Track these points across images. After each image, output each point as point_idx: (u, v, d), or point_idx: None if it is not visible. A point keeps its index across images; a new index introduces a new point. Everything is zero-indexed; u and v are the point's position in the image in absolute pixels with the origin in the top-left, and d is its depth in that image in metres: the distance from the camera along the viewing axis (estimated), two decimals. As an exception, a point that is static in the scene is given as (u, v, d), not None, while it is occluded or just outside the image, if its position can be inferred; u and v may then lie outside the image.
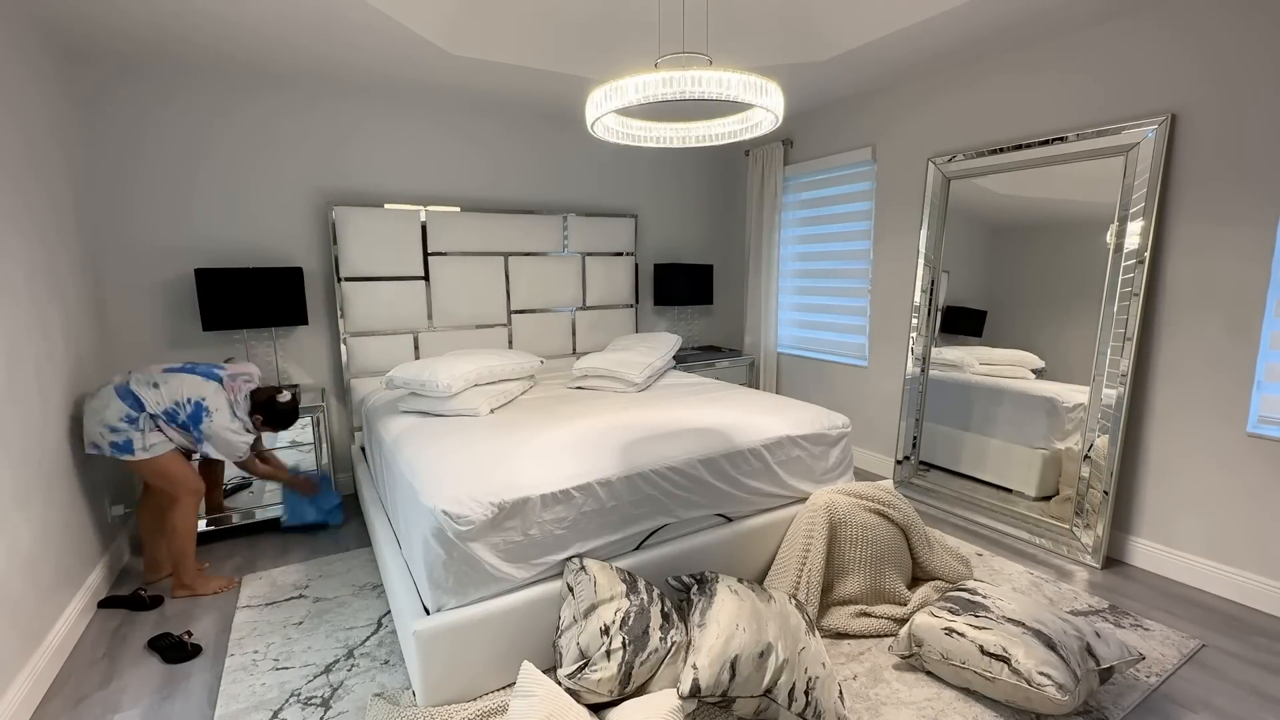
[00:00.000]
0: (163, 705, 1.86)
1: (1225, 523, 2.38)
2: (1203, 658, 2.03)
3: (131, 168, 2.92)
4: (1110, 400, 2.57)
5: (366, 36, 2.65)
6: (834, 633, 2.15)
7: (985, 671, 1.76)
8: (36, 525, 2.01)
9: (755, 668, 1.62)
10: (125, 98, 2.87)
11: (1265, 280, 2.23)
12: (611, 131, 2.08)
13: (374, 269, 3.42)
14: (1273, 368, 2.24)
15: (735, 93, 1.63)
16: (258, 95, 3.14)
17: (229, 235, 3.14)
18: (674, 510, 2.17)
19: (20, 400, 1.99)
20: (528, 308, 3.96)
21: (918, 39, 2.78)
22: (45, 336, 2.22)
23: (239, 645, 2.12)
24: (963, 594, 2.02)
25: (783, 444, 2.42)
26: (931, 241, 3.30)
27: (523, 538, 1.86)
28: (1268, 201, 2.20)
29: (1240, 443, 2.32)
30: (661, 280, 4.35)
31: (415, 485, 1.93)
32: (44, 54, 2.46)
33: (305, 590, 2.48)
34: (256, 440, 2.64)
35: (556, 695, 1.60)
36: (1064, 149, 2.70)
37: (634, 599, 1.80)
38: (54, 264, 2.36)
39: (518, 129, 3.88)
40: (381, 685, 1.91)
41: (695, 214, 4.71)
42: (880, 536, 2.28)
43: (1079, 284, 2.70)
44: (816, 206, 4.13)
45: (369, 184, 3.47)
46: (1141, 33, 2.48)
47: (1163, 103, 2.44)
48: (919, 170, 3.40)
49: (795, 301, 4.38)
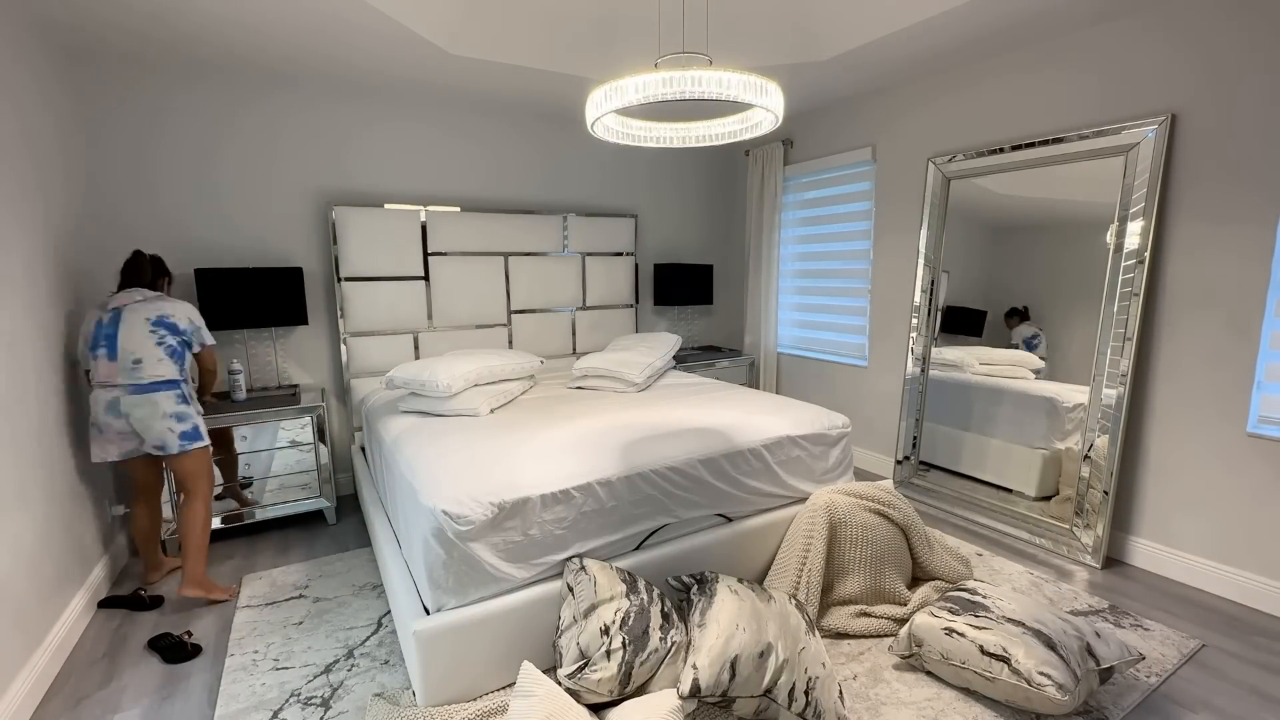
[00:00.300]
0: (163, 705, 1.86)
1: (1225, 523, 2.38)
2: (1203, 658, 2.03)
3: (132, 168, 2.92)
4: (1110, 400, 2.57)
5: (367, 37, 2.65)
6: (834, 633, 2.15)
7: (985, 671, 1.76)
8: (37, 525, 2.01)
9: (755, 668, 1.62)
10: (126, 98, 2.87)
11: (1265, 280, 2.23)
12: (611, 131, 2.08)
13: (374, 269, 3.42)
14: (1273, 368, 2.24)
15: (735, 93, 1.63)
16: (258, 95, 3.14)
17: (229, 235, 3.14)
18: (674, 510, 2.17)
19: (20, 400, 1.99)
20: (528, 308, 3.96)
21: (918, 39, 2.78)
22: (45, 336, 2.22)
23: (239, 645, 2.12)
24: (963, 594, 2.02)
25: (783, 444, 2.42)
26: (931, 241, 3.30)
27: (523, 538, 1.86)
28: (1268, 201, 2.20)
29: (1240, 443, 2.32)
30: (661, 280, 4.35)
31: (415, 485, 1.93)
32: (45, 53, 2.46)
33: (305, 590, 2.48)
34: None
35: (556, 695, 1.60)
36: (1064, 149, 2.70)
37: (634, 599, 1.80)
38: (55, 264, 2.36)
39: (518, 129, 3.88)
40: (381, 685, 1.91)
41: (695, 214, 4.71)
42: (880, 536, 2.28)
43: (1079, 284, 2.70)
44: (816, 206, 4.13)
45: (369, 184, 3.47)
46: (1141, 33, 2.48)
47: (1163, 103, 2.44)
48: (919, 170, 3.40)
49: (795, 301, 4.38)
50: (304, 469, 3.02)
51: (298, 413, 2.94)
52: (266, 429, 2.90)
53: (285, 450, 2.97)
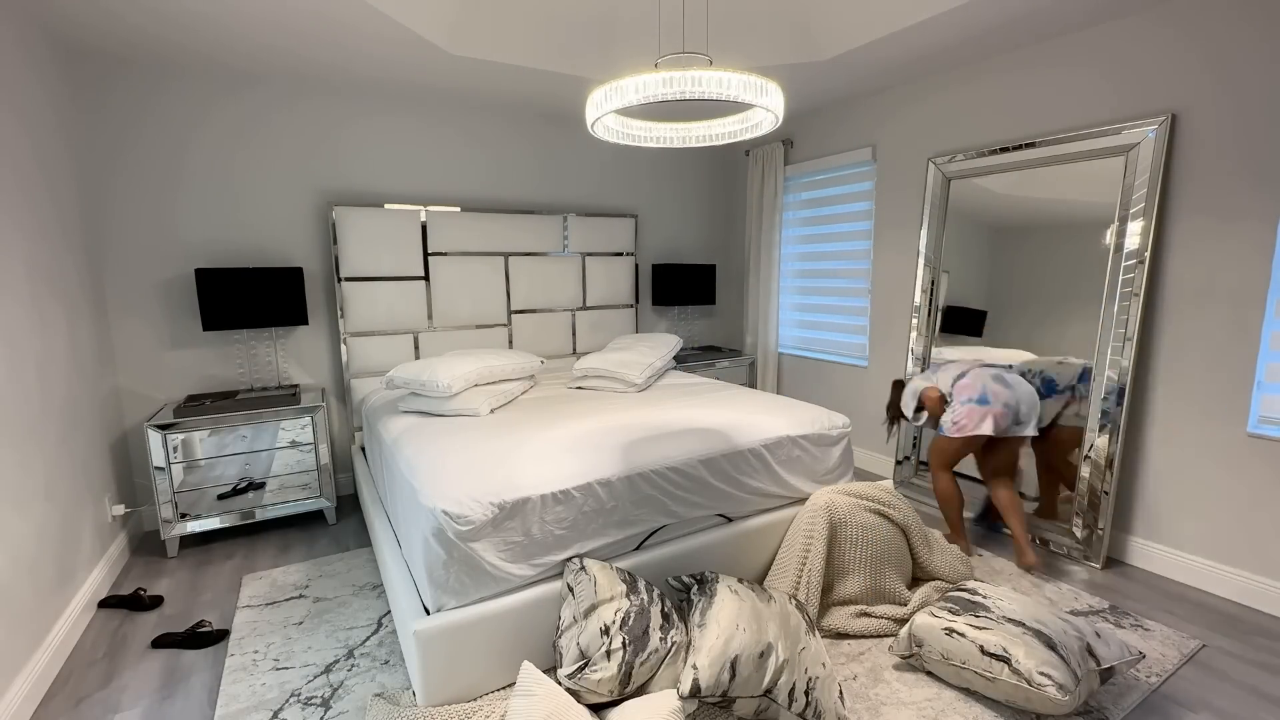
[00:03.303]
0: (163, 705, 1.86)
1: (1225, 523, 2.38)
2: (1203, 658, 2.03)
3: (133, 167, 2.92)
4: (1111, 400, 2.56)
5: (367, 37, 2.65)
6: (834, 633, 2.15)
7: (985, 672, 1.76)
8: (37, 524, 2.01)
9: (755, 668, 1.62)
10: (127, 97, 2.87)
11: (1266, 280, 2.23)
12: (612, 131, 2.08)
13: (374, 269, 3.42)
14: (1273, 368, 2.24)
15: (735, 93, 1.63)
16: (258, 95, 3.14)
17: (229, 235, 3.15)
18: (674, 510, 2.17)
19: (21, 399, 1.99)
20: (528, 308, 3.96)
21: (918, 39, 2.78)
22: (46, 336, 2.22)
23: (239, 645, 2.12)
24: (963, 594, 2.02)
25: (783, 444, 2.42)
26: (932, 241, 3.30)
27: (523, 538, 1.86)
28: (1268, 201, 2.20)
29: (1241, 443, 2.32)
30: (661, 280, 4.35)
31: (415, 485, 1.93)
32: (47, 53, 2.46)
33: (305, 590, 2.48)
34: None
35: (557, 695, 1.60)
36: (1064, 149, 2.70)
37: (634, 599, 1.80)
38: (55, 263, 2.36)
39: (518, 129, 3.88)
40: (382, 685, 1.91)
41: (695, 214, 4.71)
42: (880, 537, 2.28)
43: (1079, 284, 2.70)
44: (817, 206, 4.13)
45: (369, 184, 3.47)
46: (1141, 32, 2.48)
47: (1163, 102, 2.44)
48: (919, 170, 3.40)
49: (795, 302, 4.38)
50: (304, 469, 3.03)
51: (298, 413, 2.94)
52: (267, 429, 2.90)
53: (285, 450, 2.97)
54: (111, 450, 2.80)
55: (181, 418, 2.72)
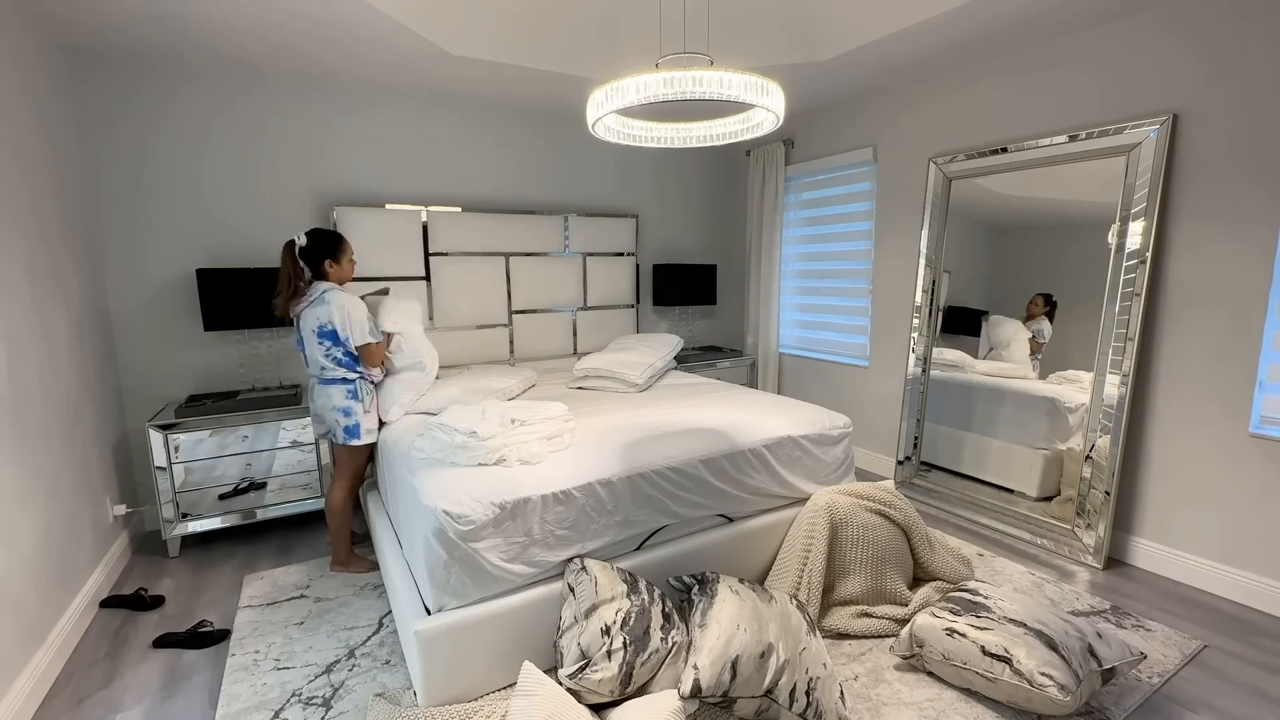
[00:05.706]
0: (164, 705, 1.86)
1: (1227, 523, 2.38)
2: (1204, 658, 2.03)
3: (134, 168, 2.92)
4: (1112, 400, 2.56)
5: (367, 37, 2.66)
6: (835, 633, 2.14)
7: (987, 672, 1.75)
8: (38, 524, 2.02)
9: (756, 668, 1.62)
10: (128, 98, 2.88)
11: (1267, 280, 2.22)
12: (613, 132, 2.08)
13: (375, 269, 3.42)
14: (1275, 368, 2.24)
15: (736, 93, 1.63)
16: (259, 96, 3.14)
17: (230, 235, 3.15)
18: (675, 510, 2.17)
19: (22, 399, 1.99)
20: (529, 308, 3.96)
21: (918, 39, 2.78)
22: (47, 336, 2.22)
23: (240, 645, 2.12)
24: (964, 594, 2.01)
25: (784, 444, 2.42)
26: (933, 241, 3.30)
27: (524, 538, 1.86)
28: (1270, 201, 2.20)
29: (1242, 443, 2.31)
30: (662, 280, 4.35)
31: (416, 485, 1.93)
32: (49, 54, 2.47)
33: (306, 590, 2.48)
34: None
35: (557, 695, 1.60)
36: (1065, 149, 2.70)
37: (635, 599, 1.80)
38: (56, 263, 2.36)
39: (519, 129, 3.88)
40: (383, 685, 1.91)
41: (696, 214, 4.71)
42: (881, 537, 2.28)
43: (1080, 284, 2.70)
44: (818, 206, 4.13)
45: (370, 184, 3.47)
46: (1142, 32, 2.48)
47: (1164, 102, 2.43)
48: (920, 170, 3.40)
49: (796, 302, 4.38)
50: (305, 469, 3.02)
51: (299, 413, 2.94)
52: (268, 429, 2.90)
53: (287, 450, 2.97)
54: (113, 450, 2.80)
55: (183, 418, 2.72)
